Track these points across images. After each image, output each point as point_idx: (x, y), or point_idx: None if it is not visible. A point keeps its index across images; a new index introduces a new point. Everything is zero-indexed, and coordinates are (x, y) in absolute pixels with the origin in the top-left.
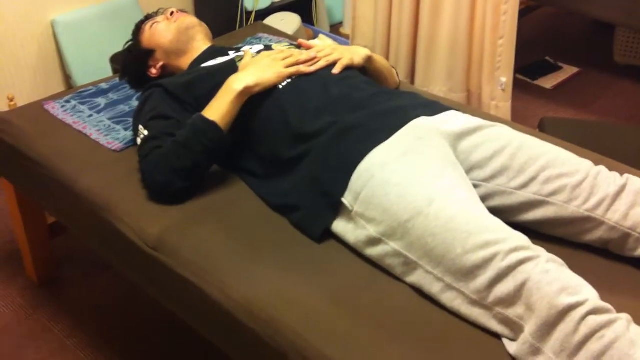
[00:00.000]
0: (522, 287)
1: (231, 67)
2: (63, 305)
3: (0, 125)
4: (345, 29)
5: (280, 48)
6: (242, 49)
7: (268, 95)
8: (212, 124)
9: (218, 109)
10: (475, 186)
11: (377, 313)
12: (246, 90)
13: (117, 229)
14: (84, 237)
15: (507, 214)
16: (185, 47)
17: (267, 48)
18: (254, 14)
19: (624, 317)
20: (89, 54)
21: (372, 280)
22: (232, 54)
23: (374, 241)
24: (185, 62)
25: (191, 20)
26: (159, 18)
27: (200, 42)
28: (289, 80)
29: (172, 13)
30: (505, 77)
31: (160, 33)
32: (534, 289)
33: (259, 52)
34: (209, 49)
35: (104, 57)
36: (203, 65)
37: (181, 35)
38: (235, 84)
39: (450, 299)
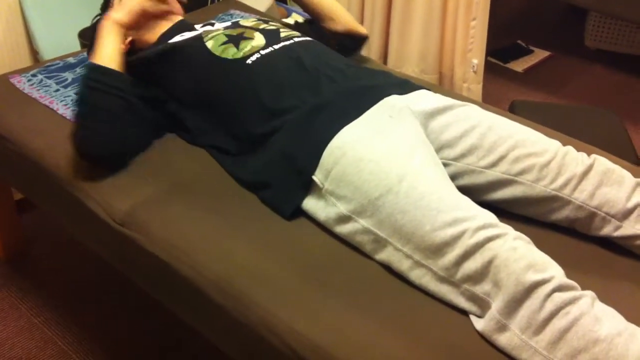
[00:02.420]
0: (489, 264)
1: (198, 42)
2: (31, 282)
3: None
4: None
5: (248, 24)
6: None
7: (238, 71)
8: (91, 64)
9: (99, 50)
10: (445, 165)
11: (347, 290)
12: (116, 20)
13: (84, 205)
14: (52, 213)
15: (476, 193)
16: (155, 22)
17: (236, 24)
18: None
19: (589, 294)
20: (57, 29)
21: (342, 257)
22: (199, 29)
23: (344, 219)
24: (153, 36)
25: None
26: None
27: (171, 16)
28: (258, 56)
29: None
30: (477, 59)
31: (132, 4)
32: (501, 266)
33: (226, 28)
34: (177, 23)
35: (73, 32)
36: (170, 41)
37: (152, 6)
38: (105, 21)
39: (419, 276)
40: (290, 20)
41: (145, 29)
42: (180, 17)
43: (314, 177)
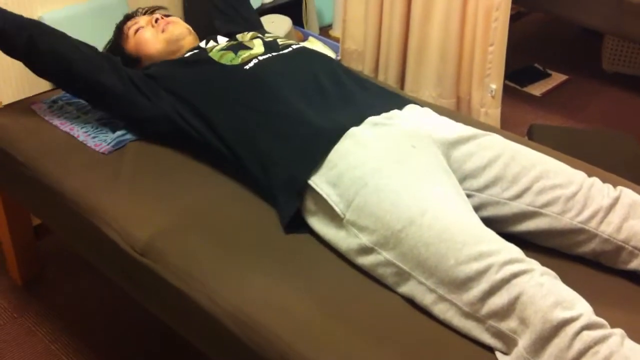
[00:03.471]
0: (516, 301)
1: (201, 52)
2: (48, 308)
3: None
4: (335, 32)
5: (247, 37)
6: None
7: (234, 75)
8: None
9: None
10: (468, 196)
11: (369, 323)
12: None
13: (103, 233)
14: (70, 240)
15: (500, 225)
16: (174, 54)
17: (234, 39)
18: None
19: (618, 332)
20: None
21: (364, 289)
22: (204, 46)
23: (366, 250)
24: None
25: (181, 30)
26: (142, 21)
27: (189, 48)
28: (255, 61)
29: (156, 20)
30: (495, 84)
31: (147, 43)
32: (527, 302)
33: (228, 41)
34: (192, 47)
35: None
36: None
37: (170, 45)
38: None
39: (443, 311)
40: (307, 44)
41: (171, 56)
42: (197, 44)
43: (332, 204)
